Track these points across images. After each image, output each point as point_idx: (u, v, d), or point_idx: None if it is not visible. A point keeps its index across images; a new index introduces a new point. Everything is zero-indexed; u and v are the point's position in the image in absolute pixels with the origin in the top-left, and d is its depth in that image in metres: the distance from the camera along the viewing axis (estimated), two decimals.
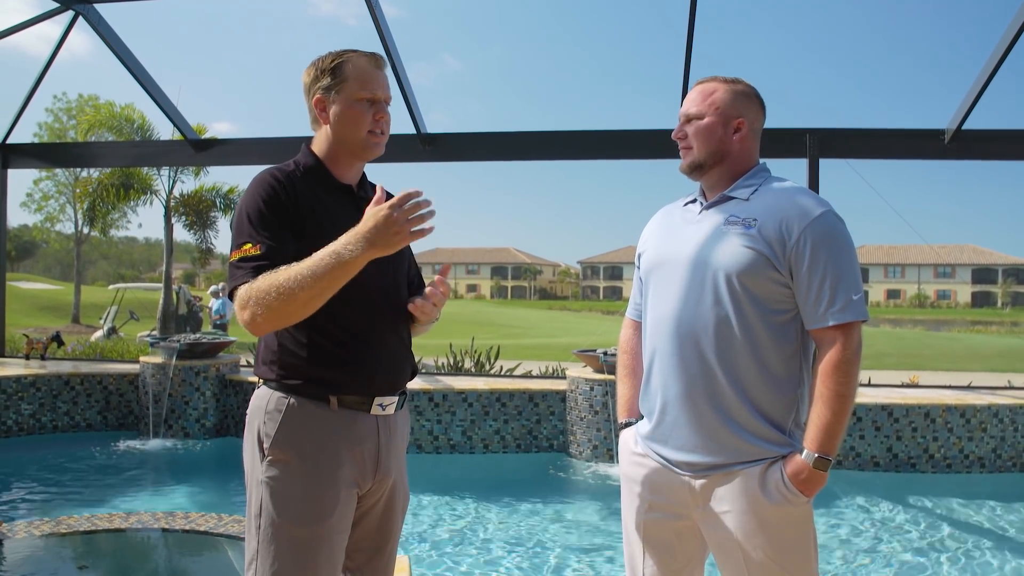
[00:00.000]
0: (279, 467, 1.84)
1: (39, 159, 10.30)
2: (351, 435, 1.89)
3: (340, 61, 1.94)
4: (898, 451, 6.03)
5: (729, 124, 1.99)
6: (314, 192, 1.92)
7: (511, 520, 4.95)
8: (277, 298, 1.69)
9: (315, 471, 1.85)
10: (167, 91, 7.93)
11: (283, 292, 1.69)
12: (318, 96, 1.94)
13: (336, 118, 1.94)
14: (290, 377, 1.87)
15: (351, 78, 1.93)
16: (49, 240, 43.86)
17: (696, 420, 1.91)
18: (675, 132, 2.05)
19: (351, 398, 1.89)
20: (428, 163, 7.85)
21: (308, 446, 1.85)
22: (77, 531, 3.92)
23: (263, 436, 1.86)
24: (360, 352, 1.89)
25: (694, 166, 2.01)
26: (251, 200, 1.85)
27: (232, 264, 1.81)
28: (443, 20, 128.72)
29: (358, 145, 1.96)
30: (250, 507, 1.88)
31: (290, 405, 1.86)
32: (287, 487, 1.83)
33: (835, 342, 1.83)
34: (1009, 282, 71.21)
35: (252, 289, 1.72)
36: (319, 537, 1.84)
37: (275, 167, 1.93)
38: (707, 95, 2.00)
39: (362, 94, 1.93)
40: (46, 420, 7.06)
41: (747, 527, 1.86)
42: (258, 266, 1.76)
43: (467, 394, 6.57)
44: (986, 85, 6.33)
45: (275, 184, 1.86)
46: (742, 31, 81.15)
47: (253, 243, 1.79)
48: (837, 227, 1.87)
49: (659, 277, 2.03)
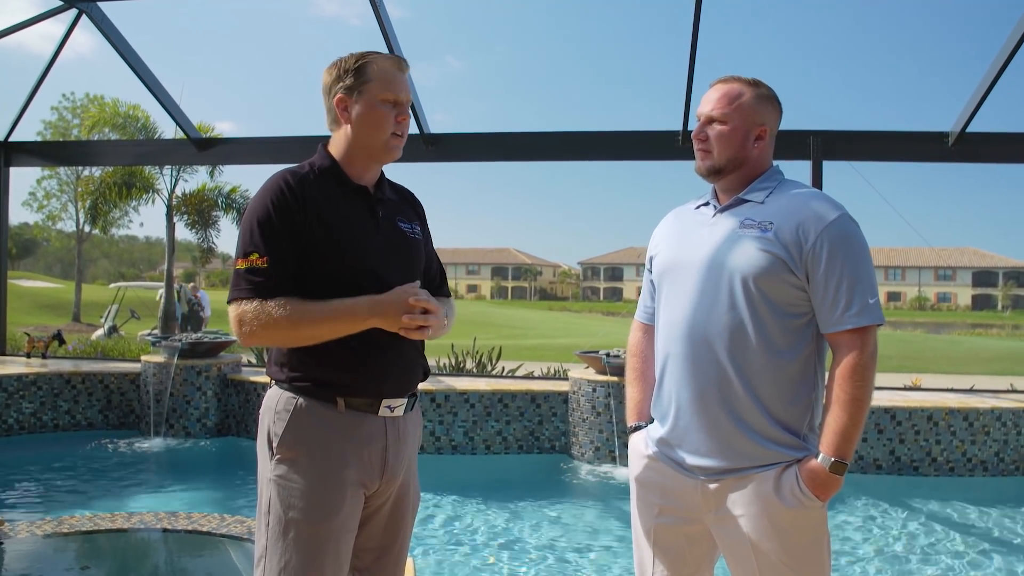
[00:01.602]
0: (287, 465, 1.86)
1: (41, 157, 10.29)
2: (358, 436, 1.89)
3: (364, 62, 1.94)
4: (901, 454, 6.02)
5: (752, 131, 1.98)
6: (327, 195, 1.91)
7: (513, 521, 4.93)
8: (283, 329, 1.79)
9: (322, 470, 1.86)
10: (170, 90, 7.93)
11: (290, 324, 1.78)
12: (340, 95, 1.94)
13: (358, 119, 1.93)
14: (299, 379, 1.88)
15: (374, 79, 1.93)
16: (50, 238, 43.87)
17: (710, 424, 1.90)
18: (695, 132, 2.02)
19: (359, 400, 1.89)
20: (430, 163, 7.85)
21: (315, 446, 1.86)
22: (79, 531, 3.91)
23: (272, 435, 1.89)
24: (370, 355, 1.89)
25: (713, 170, 1.99)
26: (261, 206, 1.86)
27: (237, 272, 1.84)
28: (446, 21, 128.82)
29: (379, 147, 1.95)
30: (260, 505, 1.91)
31: (298, 406, 1.87)
32: (294, 485, 1.85)
33: (851, 346, 1.82)
34: (1009, 285, 71.19)
35: (264, 309, 1.78)
36: (326, 535, 1.85)
37: (288, 170, 1.93)
38: (732, 99, 1.97)
39: (386, 95, 1.94)
40: (47, 419, 7.05)
41: (761, 531, 1.85)
42: (263, 282, 1.80)
43: (469, 395, 6.55)
44: (990, 88, 6.32)
45: (285, 189, 1.86)
46: (745, 32, 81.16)
47: (260, 254, 1.82)
48: (853, 231, 1.87)
49: (672, 280, 2.01)
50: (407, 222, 2.06)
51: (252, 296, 1.80)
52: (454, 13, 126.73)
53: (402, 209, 2.08)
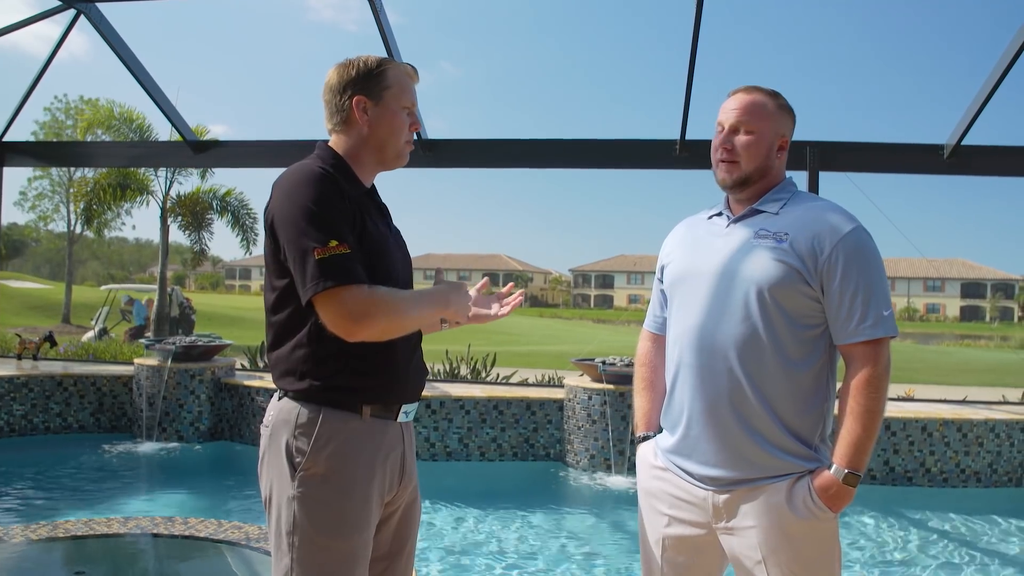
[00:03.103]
0: (315, 482, 1.79)
1: (36, 157, 10.24)
2: (382, 444, 1.87)
3: (386, 67, 1.93)
4: (895, 465, 6.04)
5: (775, 142, 1.98)
6: (350, 192, 1.87)
7: (507, 529, 4.92)
8: (389, 315, 1.73)
9: (350, 483, 1.81)
10: (166, 92, 7.89)
11: (395, 311, 1.75)
12: (359, 97, 1.90)
13: (378, 122, 1.91)
14: (321, 388, 1.81)
15: (395, 85, 1.92)
16: (40, 239, 43.62)
17: (722, 434, 1.90)
18: (720, 141, 1.99)
19: (381, 406, 1.87)
20: (425, 169, 7.85)
21: (343, 459, 1.80)
22: (74, 535, 3.87)
23: (295, 451, 1.80)
24: (388, 359, 1.85)
25: (740, 180, 1.97)
26: (318, 195, 1.75)
27: (319, 260, 1.69)
28: (442, 27, 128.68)
29: (394, 152, 1.95)
30: (279, 524, 1.81)
31: (323, 418, 1.80)
32: (324, 501, 1.79)
33: (866, 358, 1.83)
34: (997, 297, 71.69)
35: (367, 295, 1.69)
36: (357, 549, 1.81)
37: (316, 163, 1.84)
38: (757, 109, 1.96)
39: (404, 102, 1.93)
40: (38, 421, 6.99)
41: (772, 543, 1.85)
42: (355, 268, 1.70)
43: (464, 401, 6.54)
44: (986, 101, 6.35)
45: (337, 180, 1.80)
46: (743, 44, 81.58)
47: (339, 241, 1.71)
48: (868, 243, 1.87)
49: (685, 290, 2.01)
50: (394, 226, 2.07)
51: (351, 281, 1.69)
52: (450, 20, 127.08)
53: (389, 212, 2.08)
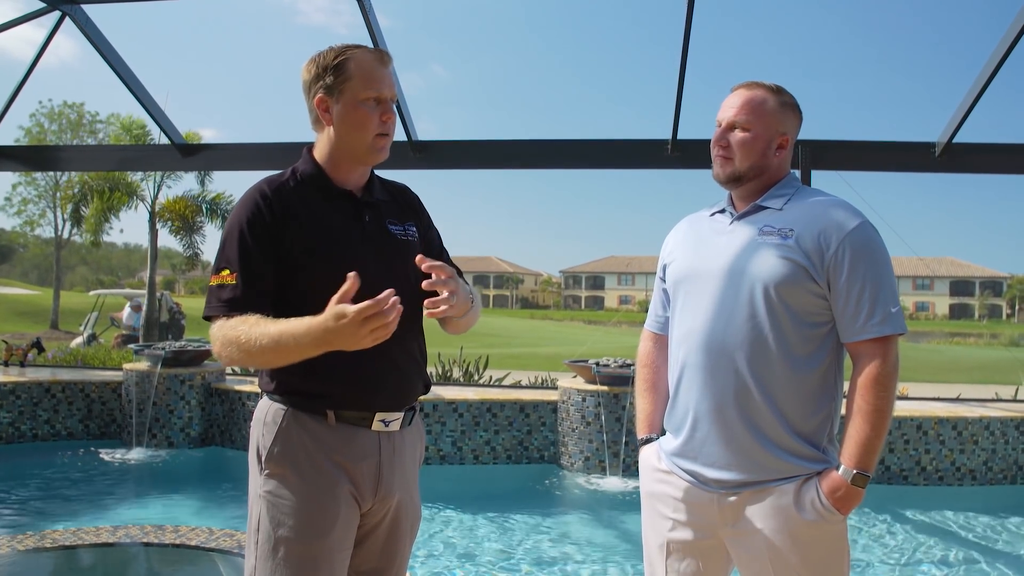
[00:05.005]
0: (277, 481, 1.78)
1: (22, 162, 10.12)
2: (350, 451, 1.80)
3: (344, 58, 1.82)
4: (891, 463, 6.02)
5: (774, 140, 1.94)
6: (308, 203, 1.83)
7: (501, 532, 4.88)
8: (239, 351, 1.69)
9: (313, 486, 1.77)
10: (156, 97, 7.82)
11: (243, 349, 1.68)
12: (320, 96, 1.83)
13: (340, 120, 1.83)
14: (288, 390, 1.80)
15: (355, 76, 1.81)
16: (27, 244, 43.32)
17: (728, 436, 1.86)
18: (717, 138, 1.98)
19: (350, 413, 1.80)
20: (416, 171, 7.79)
21: (305, 461, 1.78)
22: (62, 545, 3.80)
23: (261, 449, 1.81)
24: (362, 365, 1.77)
25: (733, 177, 1.95)
26: (235, 221, 1.81)
27: (210, 287, 1.80)
28: (432, 31, 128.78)
29: (364, 149, 1.85)
30: (250, 521, 1.82)
31: (287, 418, 1.79)
32: (284, 502, 1.77)
33: (873, 355, 1.79)
34: (986, 294, 72.21)
35: (224, 330, 1.72)
36: (319, 554, 1.76)
37: (266, 179, 1.86)
38: (756, 106, 1.93)
39: (367, 93, 1.82)
40: (26, 428, 6.89)
41: (780, 545, 1.81)
42: (232, 299, 1.75)
43: (457, 404, 6.49)
44: (977, 99, 6.34)
45: (261, 202, 1.80)
46: (733, 42, 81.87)
47: (231, 270, 1.76)
48: (874, 239, 1.84)
49: (689, 289, 1.97)
50: (398, 224, 1.96)
51: (220, 313, 1.74)
52: (440, 22, 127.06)
53: (393, 210, 1.98)
